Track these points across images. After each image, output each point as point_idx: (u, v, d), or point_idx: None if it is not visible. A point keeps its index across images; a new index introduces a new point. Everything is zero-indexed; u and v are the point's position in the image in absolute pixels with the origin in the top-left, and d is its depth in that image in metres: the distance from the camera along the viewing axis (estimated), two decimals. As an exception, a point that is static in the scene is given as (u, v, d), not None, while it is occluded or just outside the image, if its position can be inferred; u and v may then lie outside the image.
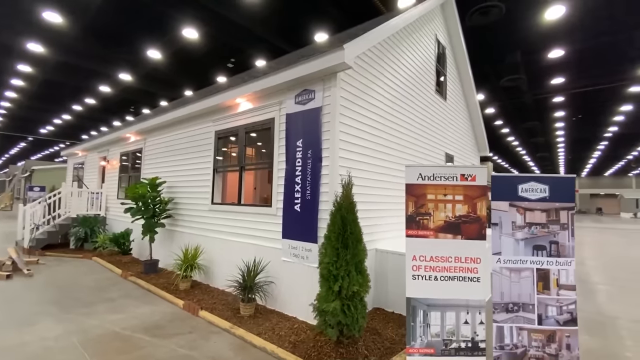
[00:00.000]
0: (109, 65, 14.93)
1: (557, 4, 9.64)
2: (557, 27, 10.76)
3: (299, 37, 12.40)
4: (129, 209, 6.53)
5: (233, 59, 15.24)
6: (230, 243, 5.48)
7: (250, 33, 12.11)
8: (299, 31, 12.17)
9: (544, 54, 13.13)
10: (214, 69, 16.29)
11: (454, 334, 3.14)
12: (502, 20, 10.04)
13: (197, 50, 13.49)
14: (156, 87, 18.41)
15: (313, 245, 4.22)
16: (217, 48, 13.64)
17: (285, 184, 4.67)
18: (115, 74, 15.79)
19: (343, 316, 3.12)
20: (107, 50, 13.17)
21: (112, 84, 17.55)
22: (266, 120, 5.11)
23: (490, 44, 12.13)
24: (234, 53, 14.46)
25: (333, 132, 4.18)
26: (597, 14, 9.92)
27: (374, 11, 10.37)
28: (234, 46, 13.48)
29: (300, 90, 4.60)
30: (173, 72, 16.19)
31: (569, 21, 10.32)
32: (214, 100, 5.76)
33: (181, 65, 15.41)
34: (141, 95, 20.01)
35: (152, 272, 6.47)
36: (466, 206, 3.22)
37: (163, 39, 12.53)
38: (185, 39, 12.19)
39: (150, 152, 8.08)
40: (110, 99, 20.46)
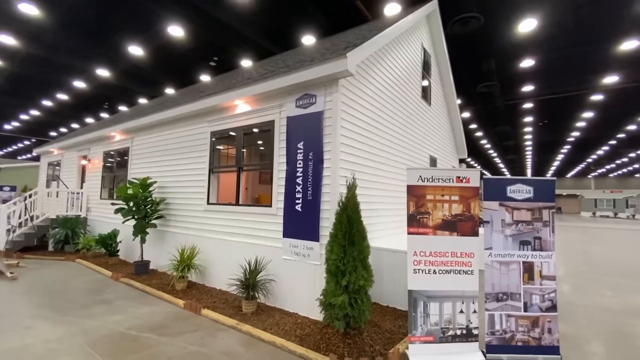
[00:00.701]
0: (85, 60, 14.35)
1: (529, 17, 10.36)
2: (529, 39, 11.53)
3: (286, 39, 12.51)
4: (120, 209, 6.43)
5: (216, 58, 15.10)
6: (227, 243, 5.55)
7: (236, 32, 12.04)
8: (285, 33, 12.27)
9: (516, 63, 13.99)
10: (196, 67, 16.04)
11: (450, 323, 3.43)
12: (478, 31, 10.66)
13: (180, 47, 13.25)
14: (134, 83, 17.85)
15: (315, 243, 4.41)
16: (201, 46, 13.46)
17: (286, 185, 4.83)
18: (91, 68, 15.18)
19: (350, 309, 3.33)
20: (84, 44, 12.68)
21: (87, 79, 16.85)
22: (266, 122, 5.24)
23: (467, 52, 12.79)
24: (217, 52, 14.33)
25: (335, 136, 4.39)
26: (564, 27, 10.75)
27: (358, 16, 10.68)
28: (218, 45, 13.36)
29: (302, 94, 4.77)
30: (153, 69, 15.78)
31: (539, 34, 11.10)
32: (210, 101, 5.81)
33: (162, 63, 15.07)
34: (117, 92, 19.33)
35: (143, 273, 6.40)
36: (461, 206, 3.53)
37: (144, 35, 12.23)
38: (167, 36, 11.96)
39: (138, 151, 7.94)
40: (83, 94, 19.61)
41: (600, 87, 16.25)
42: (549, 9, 9.99)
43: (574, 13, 10.14)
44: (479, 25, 10.49)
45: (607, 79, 15.02)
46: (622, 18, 10.33)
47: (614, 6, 9.73)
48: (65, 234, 8.39)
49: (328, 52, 5.20)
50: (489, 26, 10.62)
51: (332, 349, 3.28)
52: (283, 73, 4.81)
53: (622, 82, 15.29)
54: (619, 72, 14.21)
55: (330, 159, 4.40)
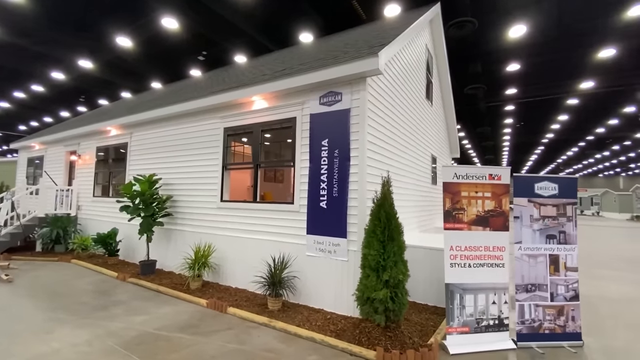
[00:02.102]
0: (65, 50, 13.59)
1: (519, 24, 10.85)
2: (517, 44, 12.07)
3: (282, 36, 12.40)
4: (125, 207, 6.18)
5: (205, 52, 14.76)
6: (244, 241, 5.48)
7: (230, 26, 11.77)
8: (282, 30, 12.16)
9: (502, 66, 14.59)
10: (183, 62, 15.61)
11: (484, 313, 3.59)
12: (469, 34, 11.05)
13: (169, 39, 12.83)
14: (117, 76, 17.11)
15: (342, 240, 4.45)
16: (190, 39, 13.10)
17: (309, 182, 4.83)
18: (70, 59, 14.39)
19: (391, 303, 3.41)
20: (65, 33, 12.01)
21: (65, 70, 15.96)
22: (286, 119, 5.21)
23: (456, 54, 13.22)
24: (207, 46, 14.00)
25: (362, 133, 4.45)
26: (549, 34, 11.33)
27: (353, 17, 10.77)
28: (209, 39, 13.03)
29: (326, 92, 4.79)
30: (137, 62, 15.20)
31: (527, 39, 11.65)
32: (225, 96, 5.70)
33: (147, 55, 14.55)
34: (97, 85, 18.47)
35: (150, 273, 6.19)
36: (493, 202, 3.69)
37: (131, 26, 11.75)
38: (156, 27, 11.55)
39: (138, 147, 7.64)
40: (59, 86, 18.59)
41: (576, 91, 17.27)
42: (536, 16, 10.50)
43: (559, 21, 10.72)
44: (474, 29, 10.89)
45: (584, 84, 15.97)
46: (601, 27, 11.02)
47: (594, 16, 10.37)
48: (56, 233, 7.95)
49: (351, 49, 5.23)
50: (479, 30, 11.04)
51: (375, 342, 3.34)
52: (306, 70, 4.80)
53: (596, 87, 16.32)
54: (595, 78, 15.16)
55: (357, 156, 4.45)
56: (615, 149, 35.05)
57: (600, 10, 9.99)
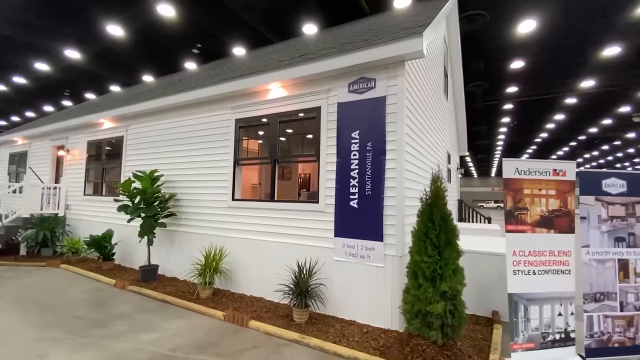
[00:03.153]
0: (51, 40, 12.72)
1: (529, 19, 10.58)
2: (524, 40, 11.81)
3: (285, 27, 11.85)
4: (124, 207, 5.55)
5: (200, 45, 14.11)
6: (260, 244, 4.95)
7: (230, 16, 11.13)
8: (285, 20, 11.61)
9: (506, 63, 14.36)
10: (177, 54, 14.91)
11: (549, 327, 3.17)
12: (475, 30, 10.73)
13: (161, 30, 12.14)
14: (105, 68, 16.24)
15: (377, 243, 3.98)
16: (186, 30, 12.44)
17: (337, 179, 4.34)
18: (55, 49, 13.49)
19: (450, 318, 2.95)
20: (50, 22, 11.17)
21: (50, 60, 15.02)
22: (309, 109, 4.70)
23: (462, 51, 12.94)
24: (203, 38, 13.35)
25: (400, 124, 3.98)
26: (556, 31, 11.11)
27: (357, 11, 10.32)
28: (206, 30, 12.39)
29: (356, 78, 4.30)
30: (128, 54, 14.43)
31: (534, 36, 11.40)
32: (238, 84, 5.15)
33: (139, 47, 13.80)
34: (84, 77, 17.53)
35: (151, 280, 5.59)
36: (558, 200, 3.28)
37: (123, 13, 11.00)
38: (150, 15, 10.85)
39: (135, 141, 6.99)
40: (42, 78, 17.57)
41: (576, 90, 17.24)
42: (547, 11, 10.22)
43: (568, 17, 10.49)
44: (485, 23, 10.56)
45: (585, 83, 15.92)
46: (610, 24, 10.84)
47: (603, 13, 10.17)
48: (42, 235, 7.22)
49: (384, 33, 4.75)
50: (487, 25, 10.74)
51: (434, 364, 2.88)
52: (334, 54, 4.30)
53: (597, 86, 16.29)
54: (596, 76, 15.10)
55: (395, 149, 3.99)
56: (604, 149, 35.76)
57: (611, 6, 9.80)
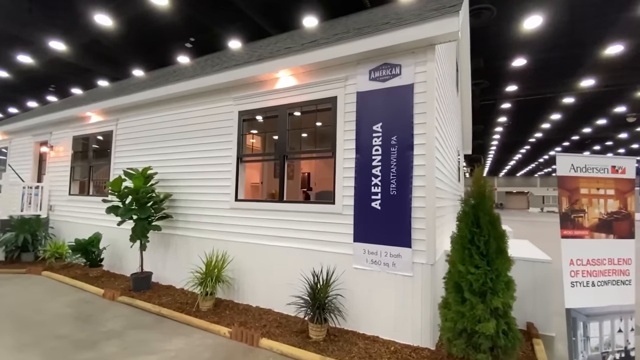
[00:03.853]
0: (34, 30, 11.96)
1: (535, 14, 10.29)
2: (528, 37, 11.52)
3: (285, 20, 11.34)
4: (114, 208, 5.00)
5: (193, 39, 13.53)
6: (268, 249, 4.46)
7: (227, 6, 10.57)
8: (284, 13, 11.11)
9: (508, 61, 14.10)
10: (169, 48, 14.29)
11: (610, 345, 2.78)
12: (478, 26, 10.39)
13: (153, 22, 11.53)
14: (93, 62, 15.47)
15: (404, 250, 3.54)
16: (178, 22, 11.86)
17: (356, 177, 3.89)
18: (39, 40, 12.72)
19: (504, 338, 2.53)
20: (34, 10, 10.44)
21: (33, 53, 14.21)
22: (323, 99, 4.23)
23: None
24: (197, 31, 12.78)
25: (429, 115, 3.55)
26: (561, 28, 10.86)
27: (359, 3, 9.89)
28: (200, 22, 11.81)
29: (379, 64, 3.85)
30: (117, 46, 13.75)
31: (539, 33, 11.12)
32: (242, 72, 4.65)
33: (128, 39, 13.15)
34: (70, 71, 16.72)
35: (145, 289, 5.05)
36: (617, 201, 2.88)
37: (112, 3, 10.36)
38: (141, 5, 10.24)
39: (126, 136, 6.41)
40: (25, 72, 16.71)
41: (575, 90, 17.12)
42: (554, 7, 9.94)
43: (572, 13, 10.24)
44: (492, 18, 10.23)
45: (585, 82, 15.78)
46: (614, 22, 10.62)
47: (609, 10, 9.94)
48: (22, 239, 6.58)
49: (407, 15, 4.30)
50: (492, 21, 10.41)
51: (485, 393, 2.45)
52: (352, 37, 3.84)
53: (597, 85, 16.18)
54: (597, 75, 14.97)
55: (424, 144, 3.55)
56: (595, 149, 36.16)
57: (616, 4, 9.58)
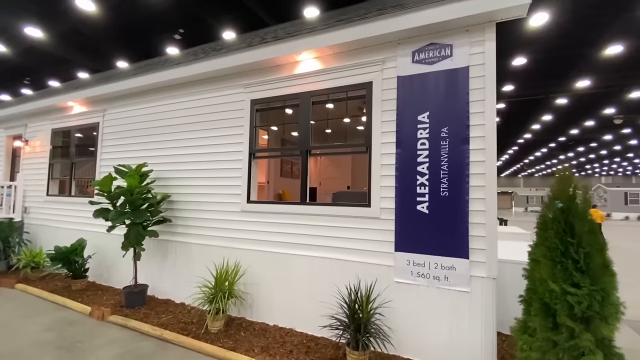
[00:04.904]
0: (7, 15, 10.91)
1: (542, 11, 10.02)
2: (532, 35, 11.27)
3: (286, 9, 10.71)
4: (103, 211, 4.26)
5: (182, 29, 12.78)
6: (289, 259, 3.85)
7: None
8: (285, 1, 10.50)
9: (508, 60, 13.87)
10: (155, 39, 13.46)
11: None
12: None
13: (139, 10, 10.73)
14: (72, 51, 14.41)
15: (459, 261, 3.01)
16: (167, 11, 11.09)
17: (397, 175, 3.34)
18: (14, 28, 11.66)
19: (615, 376, 2.03)
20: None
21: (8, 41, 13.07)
22: (356, 84, 3.66)
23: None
24: (186, 21, 12.04)
25: (490, 104, 3.04)
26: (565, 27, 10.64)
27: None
28: (191, 11, 11.07)
29: (424, 44, 3.32)
30: (99, 35, 12.83)
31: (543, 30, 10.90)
32: (254, 54, 4.03)
33: (113, 28, 12.26)
34: (48, 62, 15.57)
35: (139, 305, 4.34)
36: None
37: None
38: None
39: (115, 128, 5.64)
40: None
41: (568, 91, 17.18)
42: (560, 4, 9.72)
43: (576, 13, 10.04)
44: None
45: (580, 82, 15.79)
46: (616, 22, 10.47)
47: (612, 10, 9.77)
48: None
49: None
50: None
51: None
52: (391, 14, 3.29)
53: (591, 87, 16.23)
54: (593, 76, 14.98)
55: (483, 137, 3.03)
56: (579, 151, 37.04)
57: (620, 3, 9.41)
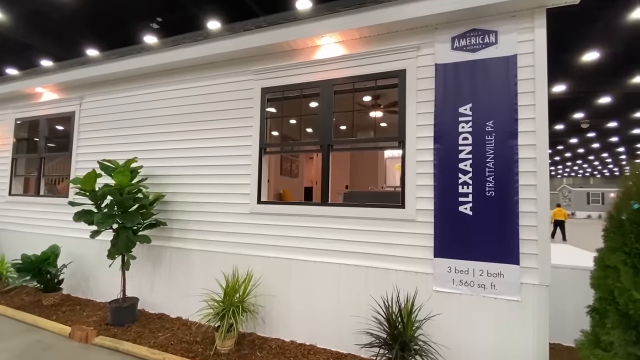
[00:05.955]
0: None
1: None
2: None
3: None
4: (85, 213, 3.63)
5: (160, 18, 11.99)
6: (308, 267, 3.43)
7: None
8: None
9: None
10: (130, 27, 12.54)
11: None
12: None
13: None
14: (36, 37, 13.12)
15: (508, 267, 2.74)
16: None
17: (436, 173, 3.03)
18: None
19: None
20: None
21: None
22: (386, 72, 3.31)
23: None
24: (165, 9, 11.30)
25: (541, 95, 2.80)
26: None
27: None
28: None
29: (465, 29, 3.03)
30: (66, 20, 11.75)
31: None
32: (264, 37, 3.59)
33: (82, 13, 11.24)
34: (6, 47, 14.09)
35: (129, 322, 3.75)
36: None
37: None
38: None
39: (94, 119, 4.94)
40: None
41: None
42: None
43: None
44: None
45: (555, 87, 16.31)
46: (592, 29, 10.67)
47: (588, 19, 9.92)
48: (-61, 255, 4.83)
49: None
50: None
51: None
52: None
53: (566, 92, 16.85)
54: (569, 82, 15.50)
55: (533, 131, 2.78)
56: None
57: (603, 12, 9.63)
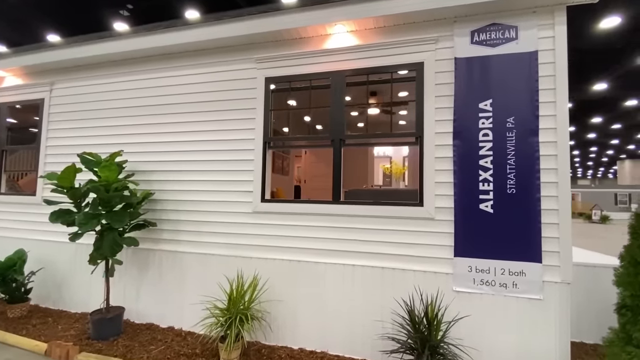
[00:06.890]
0: None
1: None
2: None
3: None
4: (62, 214, 3.18)
5: (131, 5, 11.29)
6: (319, 269, 3.22)
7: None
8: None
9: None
10: (98, 14, 11.66)
11: None
12: None
13: None
14: (-13, 20, 11.83)
15: (530, 265, 2.70)
16: None
17: (455, 170, 2.94)
18: None
19: None
20: None
21: None
22: (403, 64, 3.17)
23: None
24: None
25: (562, 92, 2.77)
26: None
27: None
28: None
29: (485, 24, 2.96)
30: (29, 6, 10.73)
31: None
32: (270, 23, 3.34)
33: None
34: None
35: (114, 335, 3.35)
36: None
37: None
38: None
39: (67, 107, 4.39)
40: None
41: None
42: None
43: None
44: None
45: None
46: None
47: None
48: None
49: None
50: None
51: None
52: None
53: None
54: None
55: (554, 128, 2.76)
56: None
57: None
